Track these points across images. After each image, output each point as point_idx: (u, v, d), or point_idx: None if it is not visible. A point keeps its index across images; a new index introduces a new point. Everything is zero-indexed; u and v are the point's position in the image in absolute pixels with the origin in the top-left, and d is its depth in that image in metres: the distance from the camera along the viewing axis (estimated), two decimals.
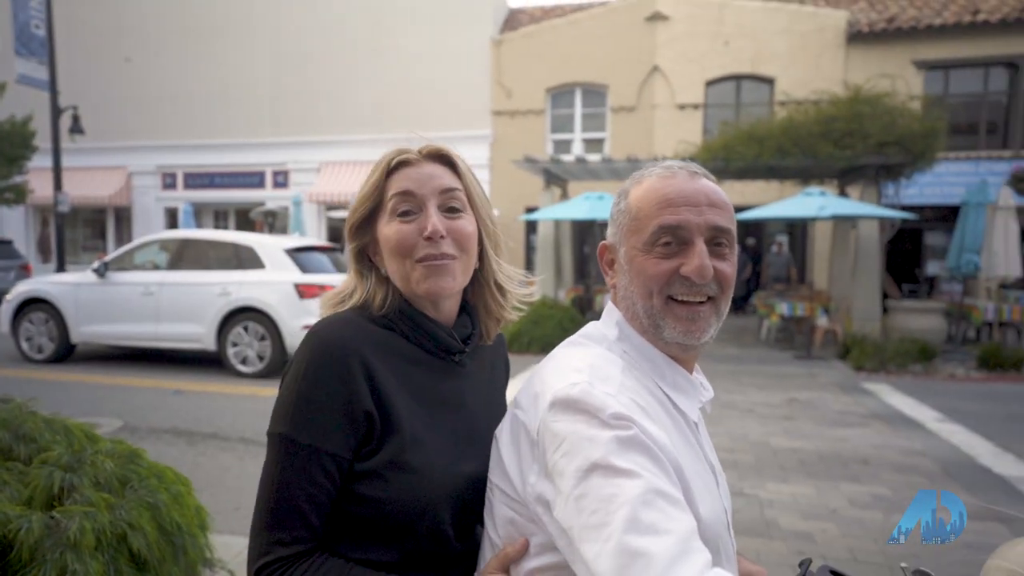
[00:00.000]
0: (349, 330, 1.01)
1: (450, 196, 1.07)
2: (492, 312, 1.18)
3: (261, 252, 7.81)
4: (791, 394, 7.22)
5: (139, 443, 4.96)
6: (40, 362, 8.38)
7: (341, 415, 0.95)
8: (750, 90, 15.43)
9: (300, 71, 17.13)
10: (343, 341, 0.98)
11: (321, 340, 0.98)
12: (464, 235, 1.06)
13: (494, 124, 16.40)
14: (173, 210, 18.05)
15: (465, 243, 1.06)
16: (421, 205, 1.05)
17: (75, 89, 16.32)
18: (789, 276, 13.46)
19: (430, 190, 1.06)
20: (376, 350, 1.01)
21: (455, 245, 1.05)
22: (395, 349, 1.05)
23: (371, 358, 0.99)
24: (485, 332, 1.19)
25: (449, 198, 1.07)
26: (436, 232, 1.02)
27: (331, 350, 0.97)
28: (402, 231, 1.04)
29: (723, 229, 0.95)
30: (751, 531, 3.68)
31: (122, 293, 8.08)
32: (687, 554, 0.72)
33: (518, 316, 1.22)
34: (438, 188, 1.06)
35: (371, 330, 1.04)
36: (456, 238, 1.05)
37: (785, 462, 4.89)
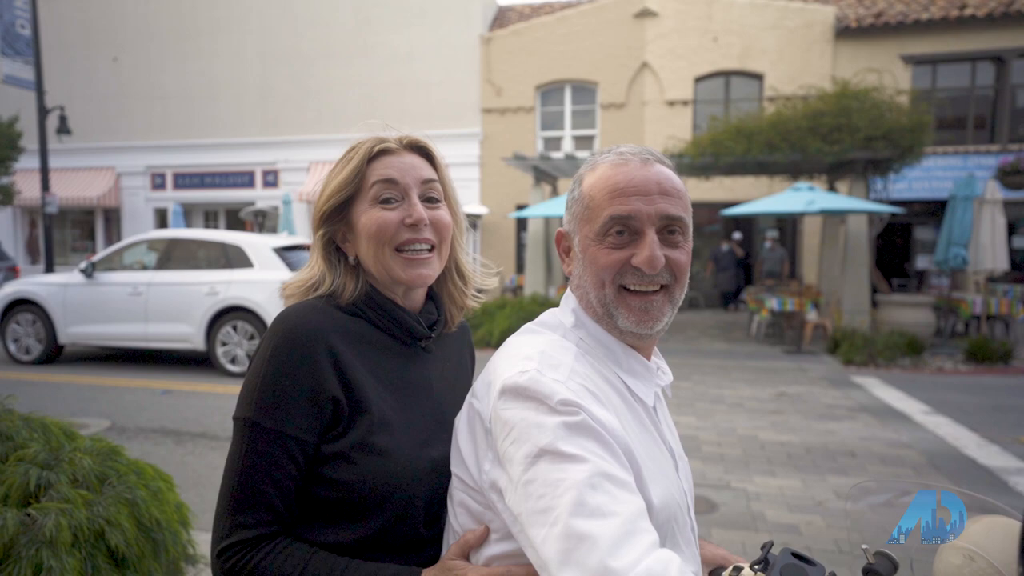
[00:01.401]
0: (316, 316, 1.02)
1: (430, 187, 1.10)
2: (455, 299, 1.21)
3: (250, 251, 7.78)
4: (780, 388, 7.25)
5: (127, 443, 4.94)
6: (28, 363, 8.33)
7: (306, 400, 0.96)
8: (739, 86, 15.47)
9: (289, 70, 17.06)
10: (309, 327, 0.99)
11: (287, 326, 0.99)
12: (443, 225, 1.10)
13: (484, 122, 16.38)
14: (163, 210, 17.95)
15: (443, 232, 1.10)
16: (404, 193, 1.07)
17: (62, 89, 16.24)
18: (782, 272, 13.51)
19: (412, 179, 1.08)
20: (343, 336, 1.02)
21: (435, 233, 1.08)
22: (362, 335, 1.06)
23: (338, 344, 1.00)
24: (449, 319, 1.21)
25: (429, 188, 1.10)
26: (421, 220, 1.05)
27: (297, 336, 0.98)
28: (384, 217, 1.05)
29: (675, 217, 0.94)
30: (737, 524, 3.70)
31: (110, 293, 8.03)
32: (632, 535, 0.72)
33: (477, 303, 1.24)
34: (420, 178, 1.09)
35: (338, 317, 1.05)
36: (436, 227, 1.08)
37: (773, 455, 4.91)
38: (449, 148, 16.20)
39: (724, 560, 1.12)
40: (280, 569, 0.93)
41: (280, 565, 0.93)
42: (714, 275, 14.96)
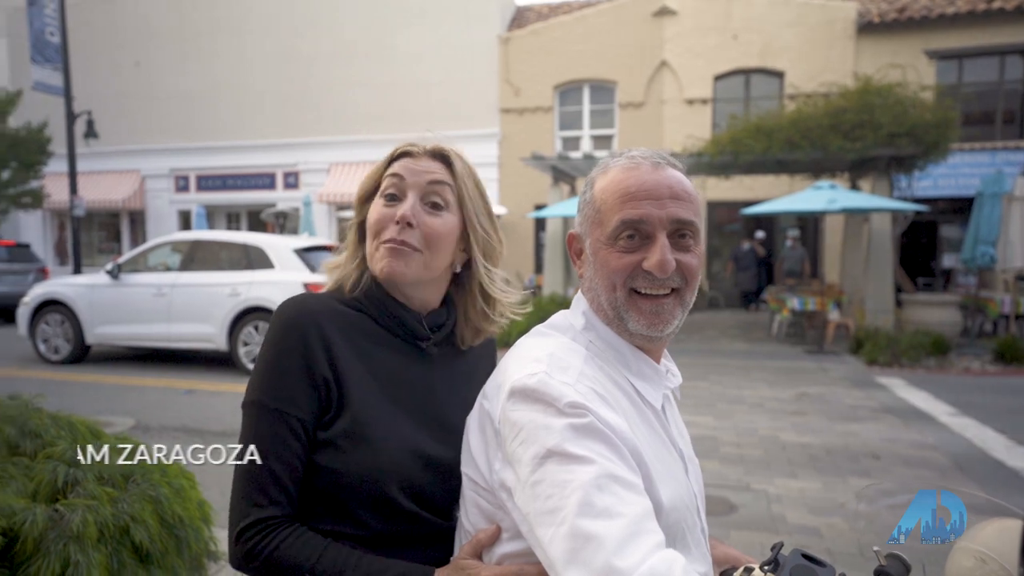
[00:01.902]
0: (313, 304, 1.06)
1: (435, 190, 1.09)
2: (470, 319, 1.19)
3: (271, 252, 7.87)
4: (801, 389, 7.17)
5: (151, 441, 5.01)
6: (57, 363, 8.51)
7: (303, 380, 1.00)
8: (759, 84, 15.32)
9: (310, 72, 17.23)
10: (304, 312, 1.04)
11: (285, 313, 1.04)
12: (434, 233, 1.08)
13: (502, 122, 16.40)
14: (186, 212, 18.22)
15: (433, 240, 1.08)
16: (405, 192, 1.09)
17: (88, 94, 16.54)
18: (803, 271, 13.36)
19: (417, 180, 1.09)
20: (338, 325, 1.05)
21: (423, 239, 1.07)
22: (360, 328, 1.08)
23: (330, 330, 1.03)
24: (459, 338, 1.20)
25: (433, 191, 1.09)
26: (404, 218, 1.06)
27: (292, 320, 1.02)
28: (381, 211, 1.09)
29: (686, 221, 0.95)
30: (758, 526, 3.67)
31: (135, 294, 8.18)
32: (638, 536, 0.74)
33: (499, 329, 1.23)
34: (425, 180, 1.09)
35: (338, 308, 1.08)
36: (426, 233, 1.07)
37: (794, 457, 4.86)
38: (468, 148, 15.64)
39: (736, 560, 1.12)
40: (296, 556, 0.96)
41: (296, 552, 0.96)
42: (734, 274, 14.84)
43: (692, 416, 5.97)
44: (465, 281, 1.18)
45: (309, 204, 14.32)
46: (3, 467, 2.09)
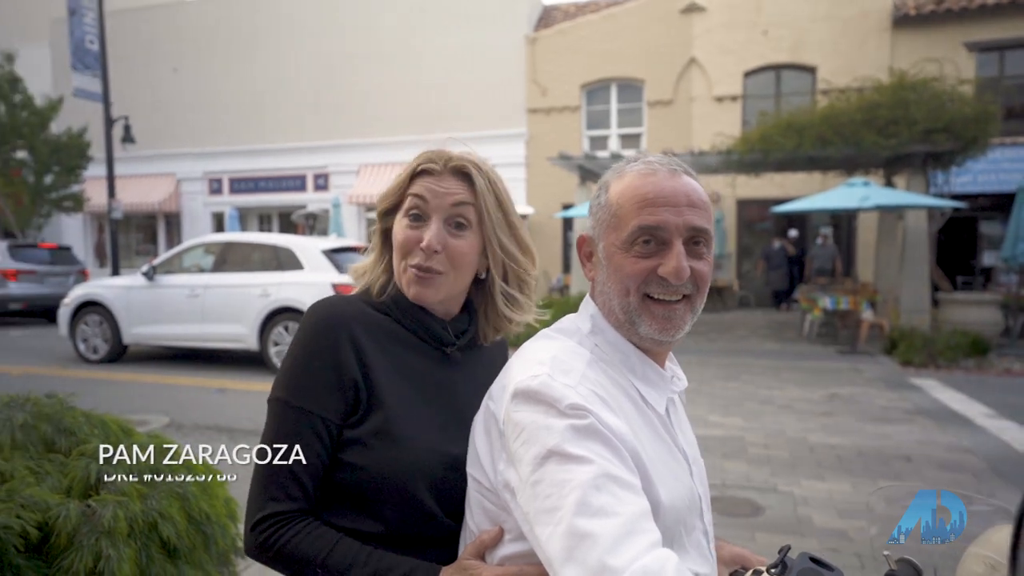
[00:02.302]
0: (344, 307, 1.09)
1: (458, 212, 1.11)
2: (491, 320, 1.22)
3: (300, 253, 8.00)
4: (832, 389, 7.05)
5: (183, 439, 5.14)
6: (96, 362, 8.75)
7: (331, 382, 1.02)
8: (790, 80, 15.07)
9: (338, 75, 17.45)
10: (335, 314, 1.07)
11: (317, 315, 1.07)
12: (459, 253, 1.11)
13: (529, 122, 16.41)
14: (220, 215, 18.59)
15: (458, 261, 1.11)
16: (429, 215, 1.11)
17: (126, 100, 16.96)
18: (834, 269, 13.11)
19: (440, 203, 1.11)
20: (368, 328, 1.08)
21: (448, 261, 1.11)
22: (388, 331, 1.11)
23: (360, 333, 1.06)
24: (482, 335, 1.23)
25: (457, 213, 1.11)
26: (430, 247, 1.08)
27: (324, 322, 1.05)
28: (407, 234, 1.11)
29: (701, 229, 0.96)
30: (783, 528, 3.62)
31: (169, 295, 8.38)
32: (633, 535, 0.74)
33: (519, 328, 1.25)
34: (448, 203, 1.11)
35: (367, 311, 1.11)
36: (450, 255, 1.10)
37: (822, 459, 4.78)
38: (495, 149, 16.28)
39: (746, 561, 1.12)
40: (308, 549, 0.99)
41: (308, 545, 0.99)
42: (765, 273, 14.62)
43: (721, 417, 5.91)
44: (487, 285, 1.20)
45: (338, 206, 14.50)
46: (39, 463, 2.17)
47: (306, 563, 0.98)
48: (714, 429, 5.52)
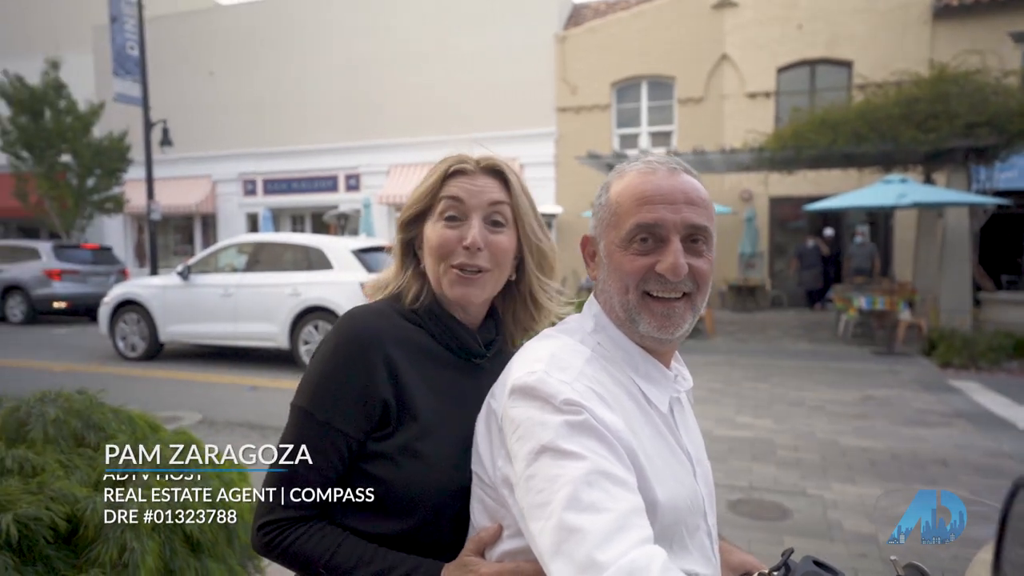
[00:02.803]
0: (379, 322, 1.08)
1: (496, 210, 1.12)
2: (520, 322, 1.23)
3: (329, 253, 8.11)
4: (866, 391, 6.88)
5: (216, 435, 5.27)
6: (133, 360, 8.99)
7: (357, 400, 1.02)
8: (825, 75, 14.76)
9: (369, 76, 17.62)
10: (370, 332, 1.05)
11: (351, 327, 1.06)
12: (501, 250, 1.12)
13: (559, 121, 16.36)
14: (254, 215, 18.94)
15: (500, 257, 1.12)
16: (467, 214, 1.11)
17: (165, 104, 17.40)
18: (872, 268, 12.79)
19: (478, 202, 1.11)
20: (401, 344, 1.07)
21: (491, 258, 1.11)
22: (420, 345, 1.10)
23: (394, 351, 1.05)
24: (509, 340, 1.24)
25: (494, 211, 1.12)
26: (475, 244, 1.08)
27: (358, 338, 1.04)
28: (444, 235, 1.10)
29: (699, 227, 0.96)
30: (812, 532, 3.55)
31: (203, 295, 8.56)
32: (622, 530, 0.74)
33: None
34: (486, 201, 1.12)
35: (399, 324, 1.10)
36: (493, 252, 1.11)
37: (854, 462, 4.67)
38: (524, 148, 16.28)
39: (750, 565, 1.11)
40: (313, 550, 1.00)
41: (313, 546, 1.00)
42: (798, 272, 14.34)
43: (750, 418, 5.82)
44: (513, 288, 1.20)
45: (369, 206, 14.66)
46: (69, 458, 2.24)
47: (312, 563, 1.00)
48: (742, 431, 5.44)
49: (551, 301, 1.21)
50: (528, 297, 1.20)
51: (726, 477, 4.31)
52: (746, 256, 14.84)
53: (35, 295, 13.47)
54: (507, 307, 1.22)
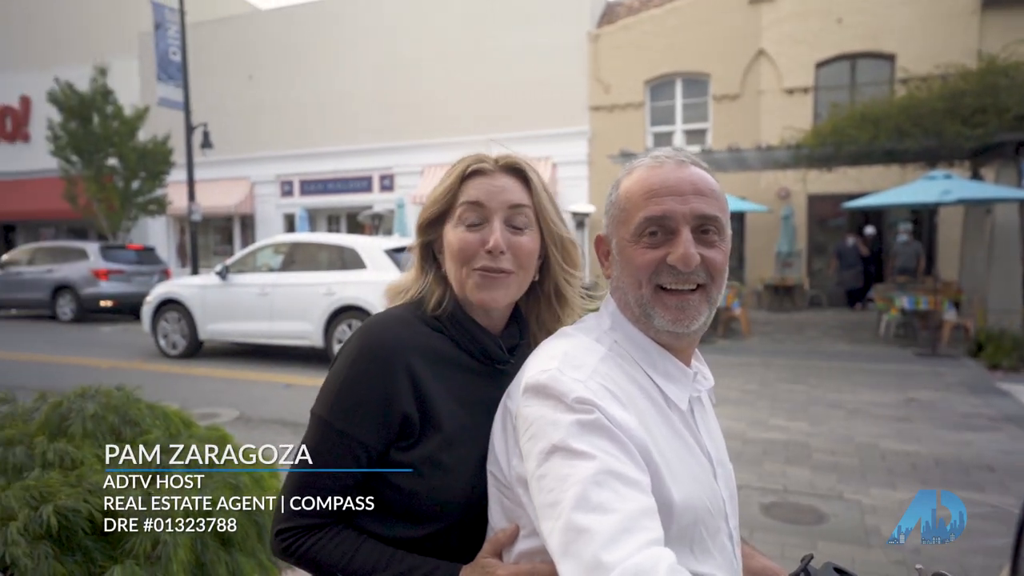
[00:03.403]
0: (401, 331, 1.06)
1: (517, 212, 1.10)
2: (544, 323, 1.19)
3: (363, 253, 8.20)
4: (909, 394, 6.68)
5: (251, 432, 5.37)
6: (174, 357, 9.23)
7: (378, 411, 1.01)
8: (866, 69, 14.37)
9: (402, 77, 17.77)
10: (393, 343, 1.03)
11: (373, 337, 1.04)
12: (524, 252, 1.09)
13: (592, 120, 16.27)
14: (291, 216, 19.26)
15: (524, 260, 1.09)
16: (488, 217, 1.09)
17: (205, 108, 17.82)
18: (917, 267, 12.42)
19: (498, 204, 1.09)
20: (424, 353, 1.06)
21: (514, 260, 1.08)
22: (442, 353, 1.08)
23: (417, 362, 1.04)
24: (532, 341, 1.21)
25: (516, 213, 1.10)
26: (497, 247, 1.06)
27: (380, 350, 1.03)
28: (466, 239, 1.08)
29: (710, 217, 0.94)
30: (848, 538, 3.46)
31: (240, 294, 8.75)
32: (630, 532, 0.73)
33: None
34: (507, 203, 1.09)
35: (422, 332, 1.08)
36: (516, 254, 1.08)
37: (894, 466, 4.54)
38: (557, 147, 16.24)
39: (771, 571, 1.09)
40: (329, 556, 1.00)
41: (332, 551, 1.00)
42: (838, 272, 14.00)
43: (784, 420, 5.70)
44: (537, 289, 1.18)
45: (403, 206, 14.79)
46: None
47: (330, 567, 1.00)
48: (777, 433, 5.33)
49: (576, 296, 1.18)
50: (553, 296, 1.17)
51: (759, 480, 4.23)
52: (783, 255, 14.56)
53: (83, 294, 13.94)
54: (531, 309, 1.20)
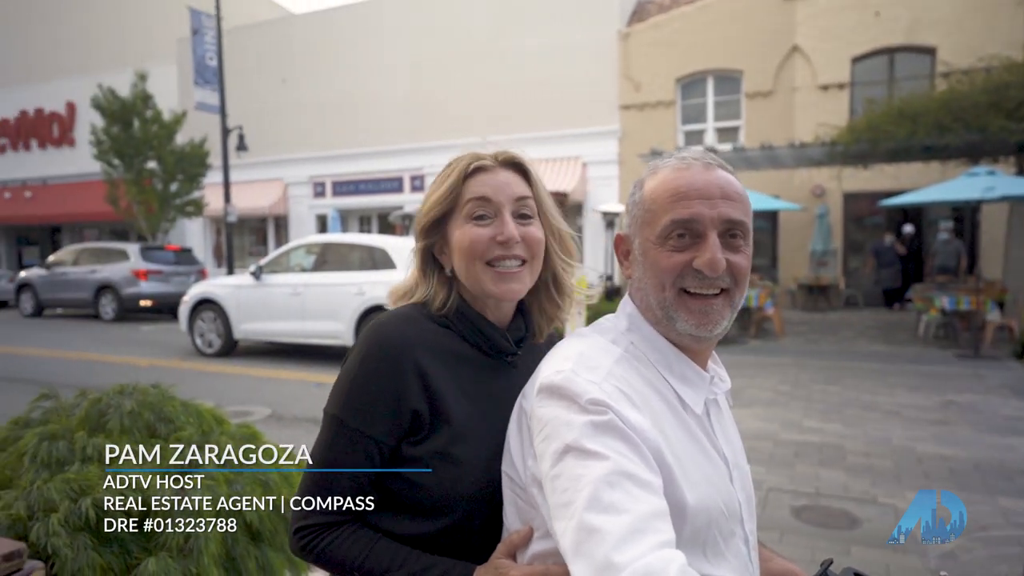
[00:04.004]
0: (408, 329, 1.08)
1: (523, 204, 1.13)
2: (547, 312, 1.23)
3: (393, 254, 8.29)
4: (948, 396, 6.51)
5: (283, 430, 5.46)
6: (210, 356, 9.44)
7: (389, 408, 1.03)
8: (905, 63, 14.02)
9: (435, 78, 17.89)
10: (401, 340, 1.06)
11: (381, 335, 1.06)
12: (535, 241, 1.12)
13: (622, 118, 16.17)
14: (323, 217, 19.54)
15: (535, 248, 1.13)
16: (497, 211, 1.11)
17: (239, 111, 18.17)
18: (958, 267, 12.08)
19: (506, 197, 1.11)
20: (432, 349, 1.08)
21: (526, 250, 1.11)
22: (450, 348, 1.11)
23: (425, 358, 1.06)
24: (537, 331, 1.23)
25: (522, 205, 1.13)
26: (512, 238, 1.09)
27: (389, 347, 1.05)
28: (476, 234, 1.10)
29: (737, 222, 0.94)
30: (882, 542, 3.38)
31: (274, 294, 8.90)
32: (642, 533, 0.73)
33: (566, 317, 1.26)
34: (513, 196, 1.12)
35: (429, 328, 1.11)
36: (527, 243, 1.11)
37: (931, 470, 4.43)
38: (587, 146, 16.18)
39: (792, 574, 1.07)
40: (347, 553, 1.02)
41: (347, 549, 1.02)
42: (875, 271, 13.68)
43: (818, 422, 5.60)
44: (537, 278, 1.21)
45: None
46: None
47: (346, 565, 1.02)
48: (810, 435, 5.24)
49: (572, 284, 1.22)
50: (552, 284, 1.20)
51: (791, 482, 4.17)
52: (817, 254, 14.28)
53: (124, 294, 14.34)
54: (532, 300, 1.22)
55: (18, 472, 2.32)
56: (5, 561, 1.80)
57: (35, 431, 2.36)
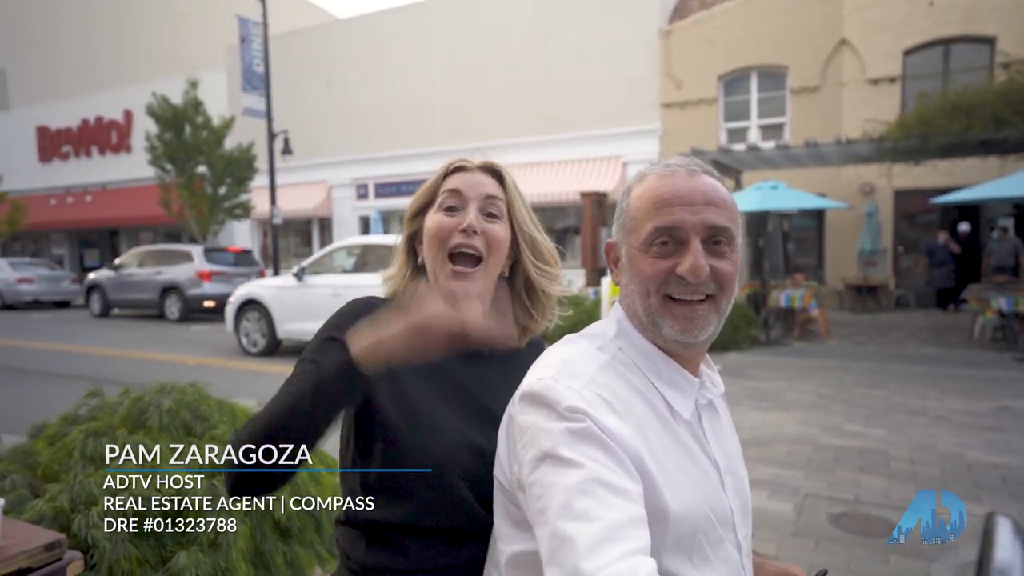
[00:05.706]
0: (376, 301, 1.17)
1: (491, 203, 1.21)
2: (518, 319, 1.26)
3: None
4: (1002, 401, 6.24)
5: None
6: (254, 355, 9.70)
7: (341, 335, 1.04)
8: (961, 54, 13.48)
9: (472, 79, 17.99)
10: (366, 301, 1.15)
11: (353, 302, 1.15)
12: (495, 238, 1.19)
13: (663, 117, 15.99)
14: (366, 218, 19.85)
15: (494, 245, 1.19)
16: (465, 204, 1.19)
17: (286, 116, 18.62)
18: (1017, 266, 11.57)
19: (475, 193, 1.20)
20: None
21: (486, 244, 1.18)
22: None
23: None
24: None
25: (490, 204, 1.21)
26: (472, 227, 1.16)
27: (354, 306, 1.13)
28: (442, 221, 1.19)
29: (721, 227, 0.94)
30: (924, 553, 3.27)
31: (315, 294, 9.08)
32: (612, 540, 0.74)
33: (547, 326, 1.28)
34: (483, 193, 1.21)
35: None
36: (488, 239, 1.18)
37: (981, 479, 4.26)
38: (627, 146, 16.04)
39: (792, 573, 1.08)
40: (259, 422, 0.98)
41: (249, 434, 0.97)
42: (927, 271, 13.20)
43: (860, 427, 5.44)
44: (512, 283, 1.27)
45: None
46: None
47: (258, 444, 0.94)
48: (851, 440, 5.09)
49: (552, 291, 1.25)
50: (524, 293, 1.25)
51: (829, 488, 4.06)
52: (866, 253, 13.86)
53: (188, 295, 14.84)
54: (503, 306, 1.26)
55: (66, 466, 2.43)
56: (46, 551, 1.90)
57: (81, 427, 2.47)
